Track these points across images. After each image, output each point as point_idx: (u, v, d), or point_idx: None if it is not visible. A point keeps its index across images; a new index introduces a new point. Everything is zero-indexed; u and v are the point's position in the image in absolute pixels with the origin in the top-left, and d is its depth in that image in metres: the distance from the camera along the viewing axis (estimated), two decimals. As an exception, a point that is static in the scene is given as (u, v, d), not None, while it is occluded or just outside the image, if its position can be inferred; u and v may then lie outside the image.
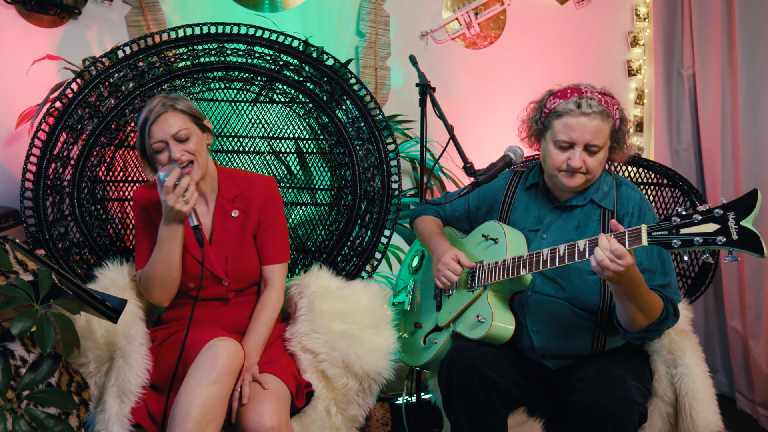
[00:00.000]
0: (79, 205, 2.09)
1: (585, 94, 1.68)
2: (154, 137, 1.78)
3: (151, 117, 1.78)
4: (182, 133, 1.78)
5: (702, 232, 1.36)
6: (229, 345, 1.64)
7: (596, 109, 1.66)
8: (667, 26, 3.20)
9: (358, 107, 2.21)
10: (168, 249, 1.79)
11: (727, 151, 2.93)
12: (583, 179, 1.73)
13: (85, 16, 2.85)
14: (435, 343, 1.94)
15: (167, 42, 2.18)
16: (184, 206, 1.74)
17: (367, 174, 2.22)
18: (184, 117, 1.80)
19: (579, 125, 1.65)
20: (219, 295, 1.89)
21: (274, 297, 1.92)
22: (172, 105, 1.79)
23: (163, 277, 1.82)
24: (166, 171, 1.73)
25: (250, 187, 1.94)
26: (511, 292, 1.84)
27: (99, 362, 1.75)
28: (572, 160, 1.68)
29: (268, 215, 1.94)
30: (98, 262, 2.07)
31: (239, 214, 1.91)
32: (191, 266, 1.86)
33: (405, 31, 3.18)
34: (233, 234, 1.90)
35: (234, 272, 1.89)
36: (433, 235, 2.01)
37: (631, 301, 1.57)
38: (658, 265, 1.69)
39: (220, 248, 1.89)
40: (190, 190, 1.74)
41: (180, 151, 1.78)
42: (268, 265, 1.94)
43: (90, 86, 2.10)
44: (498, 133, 3.00)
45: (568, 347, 1.78)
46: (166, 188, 1.72)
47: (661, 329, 1.66)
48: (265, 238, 1.94)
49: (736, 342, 2.96)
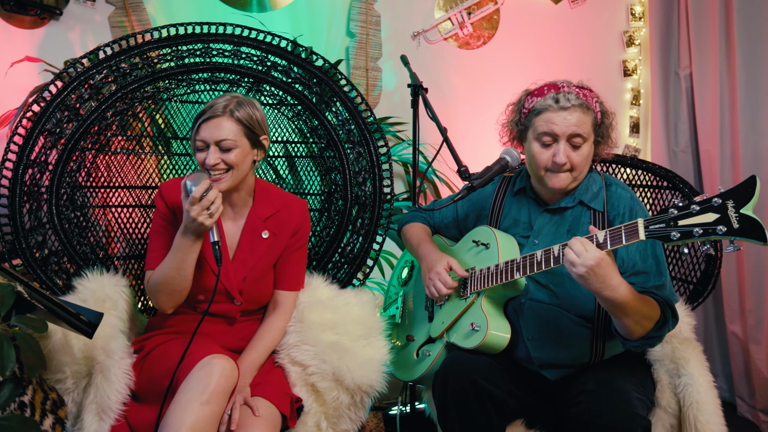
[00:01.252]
0: (57, 213, 2.01)
1: (562, 89, 1.68)
2: (200, 135, 1.73)
3: (207, 113, 1.73)
4: (227, 143, 1.72)
5: (701, 223, 1.33)
6: (225, 363, 1.58)
7: (575, 102, 1.65)
8: (664, 25, 3.20)
9: (349, 109, 2.17)
10: (182, 259, 1.70)
11: (726, 152, 2.92)
12: (570, 178, 1.70)
13: (66, 16, 2.80)
14: (428, 356, 1.89)
15: (150, 42, 2.11)
16: (208, 219, 1.64)
17: (359, 178, 2.17)
18: (237, 127, 1.73)
19: (559, 119, 1.65)
20: (227, 313, 1.82)
21: (282, 323, 1.86)
22: (232, 111, 1.73)
23: (172, 286, 1.73)
24: (194, 179, 1.66)
25: (286, 209, 1.88)
26: (505, 298, 1.80)
27: (77, 378, 1.69)
28: (557, 155, 1.66)
29: (296, 242, 1.89)
30: (78, 271, 1.99)
31: (269, 237, 1.85)
32: (206, 278, 1.78)
33: (396, 31, 3.16)
34: (258, 254, 1.84)
35: (249, 293, 1.83)
36: (422, 243, 1.97)
37: (624, 315, 1.54)
38: (652, 267, 1.66)
39: (242, 266, 1.82)
40: (216, 204, 1.65)
41: (217, 158, 1.71)
42: (282, 291, 1.89)
43: (69, 88, 2.02)
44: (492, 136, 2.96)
45: (566, 356, 1.74)
46: (192, 198, 1.63)
47: (661, 335, 1.62)
48: (287, 264, 1.88)
49: (737, 347, 2.94)
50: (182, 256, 1.69)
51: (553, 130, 1.66)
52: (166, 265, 1.72)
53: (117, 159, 2.16)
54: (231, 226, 1.85)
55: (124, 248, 2.16)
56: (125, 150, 2.16)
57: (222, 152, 1.72)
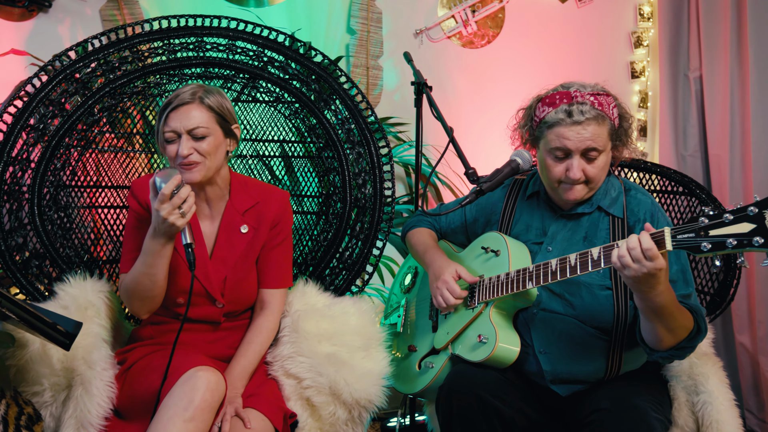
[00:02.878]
0: (39, 213, 1.91)
1: (575, 98, 1.57)
2: (169, 126, 1.61)
3: (173, 102, 1.61)
4: (199, 131, 1.61)
5: (735, 233, 1.26)
6: (210, 376, 1.48)
7: (589, 115, 1.55)
8: (673, 26, 3.15)
9: (349, 108, 2.08)
10: (153, 263, 1.58)
11: (736, 157, 2.87)
12: (585, 190, 1.62)
13: (56, 9, 2.74)
14: (431, 368, 1.80)
15: (141, 35, 2.02)
16: (179, 220, 1.51)
17: (358, 180, 2.09)
18: (209, 114, 1.63)
19: (572, 134, 1.55)
20: (209, 317, 1.71)
21: (272, 324, 1.76)
22: (201, 97, 1.63)
23: (144, 292, 1.62)
24: (164, 176, 1.53)
25: (265, 200, 1.76)
26: (515, 309, 1.72)
27: (55, 390, 1.60)
28: (571, 171, 1.58)
29: (278, 235, 1.77)
30: (60, 275, 1.88)
31: (248, 231, 1.73)
32: (184, 279, 1.66)
33: (398, 28, 3.10)
34: (238, 251, 1.72)
35: (231, 294, 1.72)
36: (428, 249, 1.89)
37: (661, 319, 1.45)
38: (679, 275, 1.58)
39: (222, 265, 1.71)
40: (188, 202, 1.52)
41: (190, 148, 1.60)
42: (268, 289, 1.78)
43: (54, 81, 1.92)
44: (496, 138, 2.91)
45: (580, 371, 1.65)
46: (162, 196, 1.50)
47: (693, 346, 1.53)
48: (270, 259, 1.77)
49: (745, 358, 2.88)
50: (152, 261, 1.58)
51: (565, 146, 1.57)
52: (137, 269, 1.61)
53: (104, 157, 2.06)
54: (207, 224, 1.74)
55: (110, 251, 2.06)
56: (113, 148, 2.06)
57: (195, 141, 1.61)
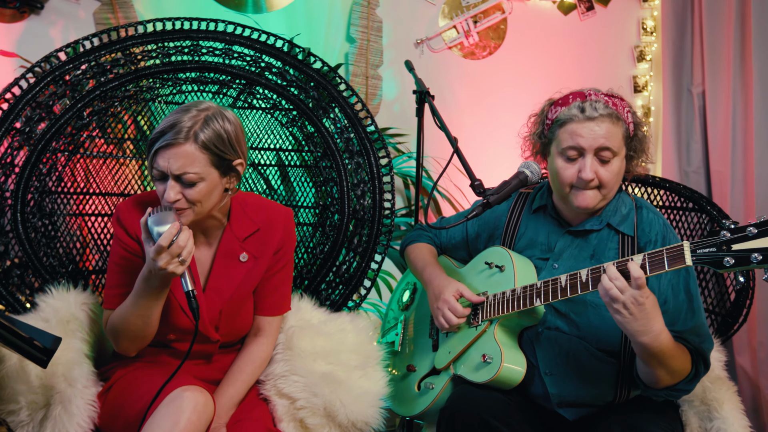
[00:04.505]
0: (23, 220, 1.83)
1: (589, 97, 1.53)
2: (158, 163, 1.43)
3: (164, 138, 1.41)
4: (189, 177, 1.42)
5: (760, 248, 1.20)
6: (198, 397, 1.39)
7: (603, 112, 1.50)
8: (677, 41, 3.13)
9: (348, 116, 2.02)
10: (146, 306, 1.46)
11: (737, 173, 2.83)
12: (598, 196, 1.55)
13: (48, 11, 2.69)
14: (432, 389, 1.73)
15: (134, 37, 1.95)
16: (179, 268, 1.39)
17: (357, 191, 2.03)
18: (202, 156, 1.42)
19: (586, 130, 1.50)
20: (203, 352, 1.61)
21: (265, 353, 1.66)
22: (197, 134, 1.42)
23: (135, 332, 1.50)
24: (158, 219, 1.39)
25: (268, 225, 1.62)
26: (520, 328, 1.65)
27: (32, 409, 1.50)
28: (583, 170, 1.51)
29: (280, 259, 1.65)
30: (43, 286, 1.80)
31: (248, 259, 1.60)
32: (176, 317, 1.55)
33: (399, 38, 3.07)
34: (236, 282, 1.59)
35: (226, 327, 1.61)
36: (427, 266, 1.82)
37: (657, 363, 1.41)
38: (684, 303, 1.51)
39: (216, 297, 1.58)
40: (188, 248, 1.38)
41: (177, 193, 1.43)
42: (265, 317, 1.68)
43: (42, 83, 1.85)
44: (497, 150, 2.88)
45: (587, 394, 1.58)
46: (160, 247, 1.35)
47: (689, 389, 1.50)
48: (269, 286, 1.65)
49: (744, 381, 2.82)
50: (146, 303, 1.45)
51: (578, 144, 1.50)
52: (128, 310, 1.47)
53: (93, 163, 1.98)
54: (203, 251, 1.61)
55: (98, 261, 1.97)
56: (102, 153, 1.98)
57: (183, 187, 1.43)
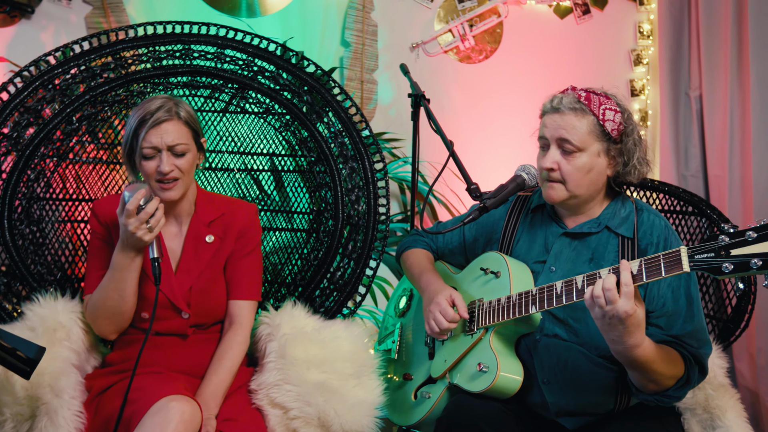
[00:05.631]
0: (9, 227, 1.80)
1: (566, 92, 1.57)
2: (150, 142, 1.58)
3: (149, 120, 1.58)
4: (180, 147, 1.61)
5: (760, 253, 1.17)
6: (184, 407, 1.39)
7: (569, 105, 1.53)
8: (673, 44, 3.14)
9: (342, 120, 2.00)
10: (121, 278, 1.58)
11: (735, 177, 2.82)
12: (564, 191, 1.54)
13: (39, 15, 2.68)
14: (428, 398, 1.69)
15: (125, 41, 1.93)
16: (147, 234, 1.53)
17: (351, 196, 2.00)
18: (186, 130, 1.63)
19: (550, 121, 1.55)
20: (176, 330, 1.68)
21: (241, 338, 1.70)
22: (178, 112, 1.62)
23: (113, 309, 1.60)
24: (132, 190, 1.53)
25: (231, 212, 1.77)
26: (517, 335, 1.62)
27: (17, 421, 1.48)
28: (544, 159, 1.54)
29: (245, 245, 1.75)
30: (30, 294, 1.77)
31: (214, 240, 1.73)
32: (148, 292, 1.64)
33: (394, 42, 3.06)
34: (204, 261, 1.71)
35: (197, 305, 1.68)
36: (424, 272, 1.80)
37: (637, 370, 1.40)
38: (683, 307, 1.48)
39: (186, 275, 1.69)
40: (156, 216, 1.54)
41: (171, 165, 1.60)
42: (236, 301, 1.73)
43: (31, 87, 1.82)
44: (493, 154, 2.86)
45: (587, 403, 1.55)
46: (128, 211, 1.51)
47: (680, 396, 1.46)
48: (237, 270, 1.74)
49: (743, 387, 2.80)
50: (121, 275, 1.58)
51: (543, 133, 1.57)
52: (105, 285, 1.60)
53: (82, 168, 1.95)
54: (174, 235, 1.73)
55: (87, 268, 1.94)
56: (91, 159, 1.95)
57: (175, 157, 1.61)
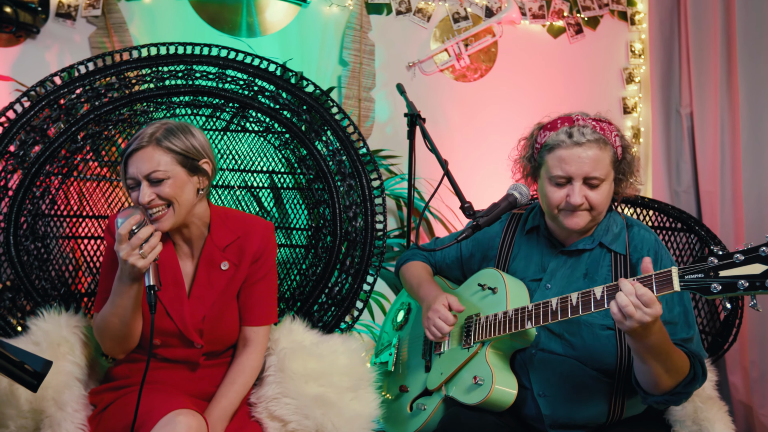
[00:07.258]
0: (15, 243, 1.83)
1: (577, 122, 1.54)
2: (129, 172, 1.54)
3: (130, 147, 1.54)
4: (156, 175, 1.52)
5: (747, 275, 1.20)
6: (191, 422, 1.39)
7: (590, 137, 1.51)
8: (664, 63, 3.19)
9: (340, 139, 2.03)
10: (121, 304, 1.53)
11: (726, 193, 2.85)
12: (588, 217, 1.56)
13: (44, 35, 2.71)
14: (424, 410, 1.72)
15: (128, 62, 1.97)
16: (140, 261, 1.45)
17: (349, 213, 2.03)
18: (167, 156, 1.54)
19: (573, 157, 1.51)
20: (188, 359, 1.64)
21: (255, 362, 1.67)
22: (159, 139, 1.54)
23: (115, 332, 1.57)
24: (125, 216, 1.48)
25: (247, 234, 1.69)
26: (512, 350, 1.65)
27: None
28: (571, 196, 1.52)
29: (259, 268, 1.69)
30: (34, 309, 1.79)
31: (229, 268, 1.66)
32: (161, 320, 1.60)
33: (391, 61, 3.11)
34: (218, 289, 1.65)
35: (210, 333, 1.63)
36: (423, 283, 1.82)
37: (656, 359, 1.39)
38: (680, 317, 1.52)
39: (199, 304, 1.63)
40: (150, 242, 1.47)
41: (150, 194, 1.52)
42: (251, 327, 1.69)
43: (37, 107, 1.86)
44: (489, 171, 2.90)
45: (581, 415, 1.57)
46: (120, 236, 1.45)
47: (689, 392, 1.47)
48: (252, 295, 1.69)
49: (737, 400, 2.80)
50: (120, 301, 1.53)
51: (567, 172, 1.52)
52: (107, 309, 1.56)
53: (86, 186, 1.99)
54: (187, 260, 1.68)
55: (90, 284, 1.97)
56: (95, 176, 1.99)
57: (154, 186, 1.53)
